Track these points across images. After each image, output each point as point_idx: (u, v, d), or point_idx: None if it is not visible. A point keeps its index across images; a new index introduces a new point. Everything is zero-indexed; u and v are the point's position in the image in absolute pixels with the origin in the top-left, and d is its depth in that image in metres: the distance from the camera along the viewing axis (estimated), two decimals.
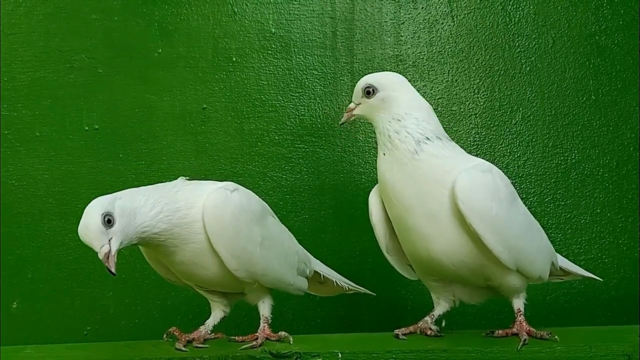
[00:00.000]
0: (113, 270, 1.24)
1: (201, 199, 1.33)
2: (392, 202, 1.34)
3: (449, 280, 1.40)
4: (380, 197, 1.40)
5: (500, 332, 1.38)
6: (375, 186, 1.43)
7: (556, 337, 1.32)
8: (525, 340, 1.30)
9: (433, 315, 1.42)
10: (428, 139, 1.33)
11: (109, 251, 1.25)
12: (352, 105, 1.43)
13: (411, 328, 1.40)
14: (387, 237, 1.42)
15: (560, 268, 1.52)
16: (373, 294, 1.63)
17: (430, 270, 1.39)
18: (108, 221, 1.25)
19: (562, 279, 1.56)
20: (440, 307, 1.43)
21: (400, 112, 1.37)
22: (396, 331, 1.40)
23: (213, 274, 1.35)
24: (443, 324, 1.42)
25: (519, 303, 1.40)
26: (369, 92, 1.40)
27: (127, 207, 1.27)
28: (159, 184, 1.36)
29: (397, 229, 1.38)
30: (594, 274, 1.58)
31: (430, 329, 1.39)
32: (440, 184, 1.30)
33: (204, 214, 1.31)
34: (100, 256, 1.25)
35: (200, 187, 1.37)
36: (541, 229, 1.44)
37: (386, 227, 1.42)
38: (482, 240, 1.28)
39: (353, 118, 1.44)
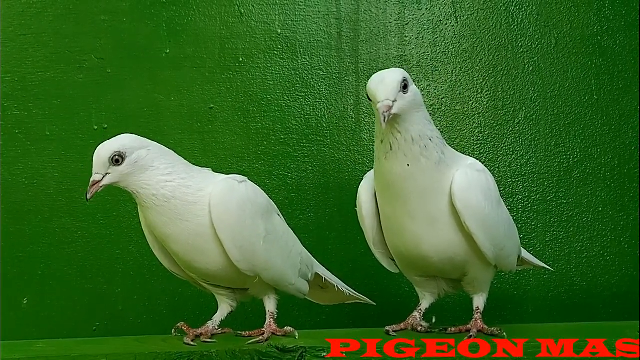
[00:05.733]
0: (88, 197, 1.31)
1: (210, 186, 1.35)
2: (394, 207, 1.33)
3: (431, 275, 1.42)
4: (370, 192, 1.39)
5: (453, 329, 1.40)
6: (365, 179, 1.42)
7: (504, 333, 1.34)
8: (471, 336, 1.32)
9: (420, 309, 1.43)
10: (445, 145, 1.32)
11: (99, 182, 1.31)
12: (388, 102, 1.20)
13: (402, 325, 1.41)
14: (375, 230, 1.43)
15: (521, 259, 1.55)
16: (373, 303, 1.64)
17: (414, 266, 1.41)
18: (116, 161, 1.30)
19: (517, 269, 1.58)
20: (426, 300, 1.44)
21: (425, 111, 1.27)
22: (387, 328, 1.41)
23: (214, 264, 1.36)
24: (433, 320, 1.43)
25: (479, 301, 1.41)
26: (405, 85, 1.23)
27: (144, 163, 1.31)
28: (192, 165, 1.39)
29: (387, 226, 1.39)
30: (546, 263, 1.67)
31: (421, 325, 1.41)
32: (443, 186, 1.31)
33: (211, 201, 1.33)
34: (90, 180, 1.31)
35: (213, 176, 1.40)
36: (515, 225, 1.47)
37: (374, 220, 1.42)
38: (473, 237, 1.31)
39: (390, 117, 1.21)
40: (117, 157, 1.30)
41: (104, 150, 1.31)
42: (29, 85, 1.88)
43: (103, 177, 1.31)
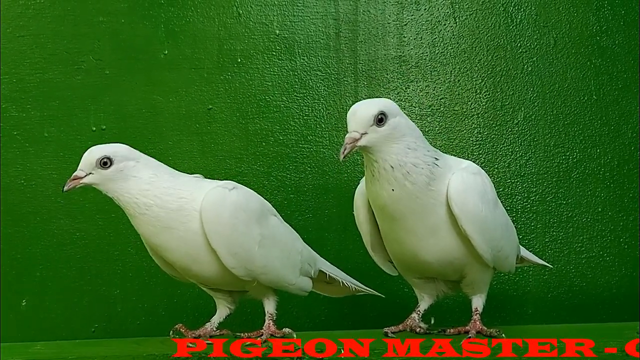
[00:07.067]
0: (65, 189, 1.35)
1: (196, 193, 1.34)
2: (390, 225, 1.33)
3: (430, 277, 1.43)
4: (367, 196, 1.38)
5: (452, 330, 1.40)
6: (362, 183, 1.41)
7: (503, 334, 1.34)
8: (470, 337, 1.33)
9: (419, 311, 1.44)
10: (436, 164, 1.30)
11: (79, 179, 1.34)
12: (355, 134, 1.25)
13: (400, 326, 1.42)
14: (372, 235, 1.43)
15: (520, 257, 1.55)
16: (382, 295, 1.64)
17: (414, 269, 1.41)
18: (104, 163, 1.33)
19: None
20: (425, 302, 1.45)
21: (411, 140, 1.27)
22: (385, 329, 1.41)
23: (210, 270, 1.36)
24: (432, 321, 1.43)
25: (478, 302, 1.41)
26: (381, 119, 1.25)
27: (129, 173, 1.33)
28: (181, 173, 1.40)
29: (385, 235, 1.39)
30: (545, 260, 1.67)
31: (420, 326, 1.41)
32: (439, 198, 1.30)
33: (202, 212, 1.32)
34: (73, 174, 1.34)
35: (200, 183, 1.39)
36: (513, 226, 1.47)
37: (371, 226, 1.42)
38: (470, 240, 1.31)
39: (356, 150, 1.26)
40: (105, 161, 1.32)
41: (96, 151, 1.34)
42: (27, 87, 1.89)
43: (85, 176, 1.34)
